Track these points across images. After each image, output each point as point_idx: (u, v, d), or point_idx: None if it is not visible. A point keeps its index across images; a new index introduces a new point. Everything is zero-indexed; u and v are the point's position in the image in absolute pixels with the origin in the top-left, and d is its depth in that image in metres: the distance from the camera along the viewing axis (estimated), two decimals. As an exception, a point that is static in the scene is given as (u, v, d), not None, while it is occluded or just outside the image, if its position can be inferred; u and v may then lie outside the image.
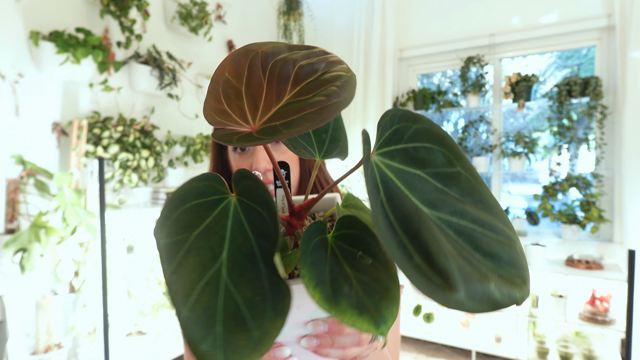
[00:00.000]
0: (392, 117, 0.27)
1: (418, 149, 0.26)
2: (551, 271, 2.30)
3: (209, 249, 0.24)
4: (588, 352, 2.25)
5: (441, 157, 0.26)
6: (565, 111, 2.48)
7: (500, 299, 0.23)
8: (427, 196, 0.26)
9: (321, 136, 0.39)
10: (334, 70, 0.28)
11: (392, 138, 0.26)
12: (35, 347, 1.59)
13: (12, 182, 1.64)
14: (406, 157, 0.26)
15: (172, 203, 0.26)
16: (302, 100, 0.27)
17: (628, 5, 2.26)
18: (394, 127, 0.26)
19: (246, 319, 0.22)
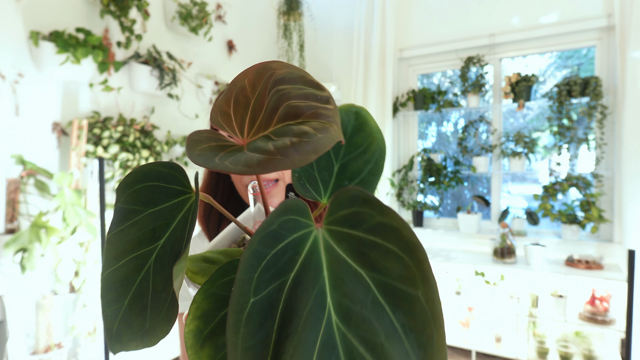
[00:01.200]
0: (353, 198, 0.22)
1: (376, 245, 0.21)
2: (551, 271, 2.30)
3: (152, 231, 0.25)
4: (588, 352, 2.25)
5: (401, 269, 0.20)
6: (565, 111, 2.48)
7: None
8: (351, 305, 0.20)
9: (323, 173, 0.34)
10: (317, 120, 0.25)
11: (348, 219, 0.22)
12: (36, 347, 1.59)
13: (13, 182, 1.64)
14: (355, 248, 0.21)
15: (138, 176, 0.27)
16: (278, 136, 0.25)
17: (628, 5, 2.26)
18: (353, 208, 0.22)
19: (147, 307, 0.23)
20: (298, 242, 0.21)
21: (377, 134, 0.35)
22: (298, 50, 3.18)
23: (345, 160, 0.34)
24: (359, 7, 3.10)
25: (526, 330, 2.43)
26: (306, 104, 0.25)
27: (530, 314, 2.36)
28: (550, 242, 2.54)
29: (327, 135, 0.22)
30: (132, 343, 0.24)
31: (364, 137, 0.35)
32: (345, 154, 0.34)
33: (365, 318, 0.19)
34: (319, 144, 0.22)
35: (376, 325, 0.19)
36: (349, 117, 0.36)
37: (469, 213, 2.83)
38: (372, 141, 0.35)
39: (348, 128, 0.35)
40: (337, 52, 3.31)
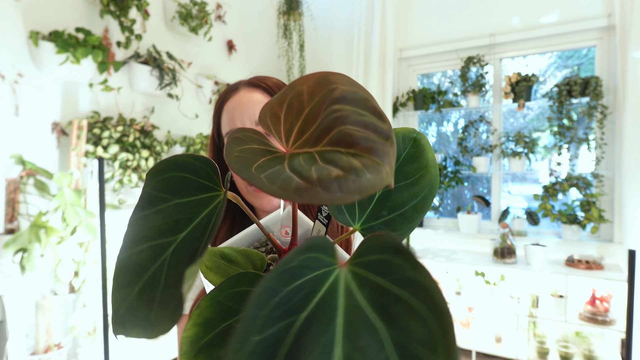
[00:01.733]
0: (385, 245, 0.21)
1: (401, 301, 0.19)
2: (551, 271, 2.30)
3: (175, 222, 0.25)
4: (588, 352, 2.25)
5: (424, 332, 0.18)
6: (566, 111, 2.48)
7: None
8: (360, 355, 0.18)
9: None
10: (370, 157, 0.22)
11: (375, 266, 0.20)
12: (35, 347, 1.59)
13: (12, 182, 1.64)
14: (378, 298, 0.19)
15: (170, 165, 0.26)
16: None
17: (628, 5, 2.26)
18: (384, 255, 0.20)
19: (155, 299, 0.23)
20: (317, 281, 0.20)
21: (432, 168, 0.32)
22: (298, 50, 3.18)
23: (394, 188, 0.31)
24: (359, 7, 3.10)
25: (526, 330, 2.43)
26: (363, 134, 0.23)
27: (531, 314, 2.36)
28: (550, 242, 2.54)
29: (376, 177, 0.20)
30: (134, 331, 0.24)
31: (417, 168, 0.32)
32: (397, 179, 0.32)
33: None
34: (365, 185, 0.20)
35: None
36: (405, 143, 0.33)
37: (469, 213, 2.83)
38: (425, 174, 0.32)
39: (402, 154, 0.32)
40: (337, 52, 3.31)
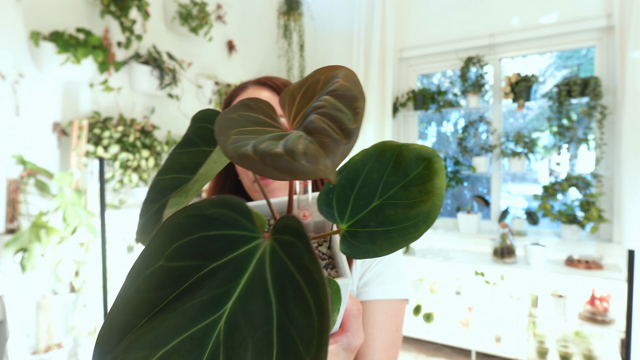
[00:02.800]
0: (294, 228, 0.23)
1: (297, 285, 0.21)
2: (551, 271, 2.30)
3: (195, 164, 0.28)
4: (588, 352, 2.25)
5: (305, 325, 0.20)
6: (565, 111, 2.49)
7: None
8: (243, 324, 0.20)
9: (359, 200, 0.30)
10: (318, 147, 0.22)
11: (287, 246, 0.22)
12: (36, 347, 1.59)
13: (13, 182, 1.64)
14: (282, 275, 0.21)
15: (205, 116, 0.28)
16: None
17: (627, 6, 2.26)
18: (293, 238, 0.23)
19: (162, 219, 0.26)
20: (237, 241, 0.21)
21: (436, 197, 0.30)
22: (298, 51, 3.18)
23: (388, 202, 0.30)
24: (359, 7, 3.10)
25: (526, 330, 2.43)
26: (326, 126, 0.23)
27: (530, 313, 2.36)
28: (550, 242, 2.54)
29: (310, 166, 0.20)
30: (143, 238, 0.28)
31: (421, 191, 0.30)
32: (391, 197, 0.30)
33: (245, 345, 0.18)
34: (296, 169, 0.20)
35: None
36: (418, 163, 0.31)
37: (468, 213, 2.83)
38: (426, 201, 0.30)
39: (412, 172, 0.31)
40: (337, 52, 3.31)
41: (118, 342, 0.19)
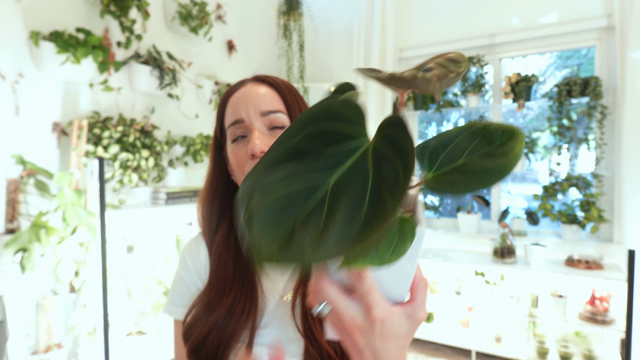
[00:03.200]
0: (395, 120, 0.31)
1: (388, 157, 0.30)
2: (551, 271, 2.30)
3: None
4: (588, 352, 2.25)
5: (394, 177, 0.28)
6: (565, 111, 2.48)
7: None
8: (382, 175, 0.29)
9: (451, 153, 0.36)
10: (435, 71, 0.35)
11: (386, 136, 0.30)
12: (36, 347, 1.59)
13: (13, 182, 1.64)
14: (383, 154, 0.30)
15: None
16: None
17: (628, 6, 2.26)
18: (392, 128, 0.31)
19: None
20: (349, 138, 0.29)
21: (514, 157, 0.33)
22: (298, 50, 3.18)
23: (471, 161, 0.35)
24: (359, 7, 3.10)
25: (526, 330, 2.43)
26: (441, 60, 0.37)
27: (530, 314, 2.36)
28: (550, 242, 2.54)
29: (423, 82, 0.30)
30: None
31: (501, 152, 0.34)
32: (474, 158, 0.35)
33: (346, 195, 0.26)
34: (412, 82, 0.30)
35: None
36: (503, 135, 0.35)
37: (468, 213, 2.83)
38: (504, 158, 0.34)
39: (496, 141, 0.35)
40: (337, 52, 3.31)
41: (259, 173, 0.28)
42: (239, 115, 0.65)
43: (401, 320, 0.38)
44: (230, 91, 0.70)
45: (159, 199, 2.11)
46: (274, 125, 0.65)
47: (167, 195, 2.07)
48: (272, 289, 0.67)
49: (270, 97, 0.66)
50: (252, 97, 0.65)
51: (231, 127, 0.66)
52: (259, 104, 0.65)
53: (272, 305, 0.66)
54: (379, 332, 0.37)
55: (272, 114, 0.65)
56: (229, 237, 0.70)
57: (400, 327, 0.38)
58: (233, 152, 0.66)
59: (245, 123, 0.64)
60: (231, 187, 0.74)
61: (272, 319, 0.65)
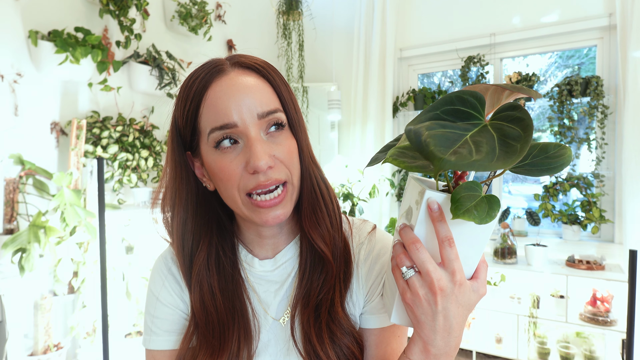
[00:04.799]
0: (506, 106, 0.40)
1: (508, 127, 0.38)
2: (552, 271, 2.29)
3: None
4: (589, 352, 2.24)
5: (516, 135, 0.37)
6: (566, 111, 2.48)
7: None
8: (502, 133, 0.39)
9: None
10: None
11: (500, 116, 0.40)
12: (34, 348, 1.58)
13: (11, 182, 1.63)
14: (498, 127, 0.39)
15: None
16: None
17: (629, 5, 2.25)
18: (505, 112, 0.39)
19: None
20: (473, 117, 0.40)
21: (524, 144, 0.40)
22: (297, 50, 3.17)
23: (537, 160, 0.45)
24: (359, 7, 3.09)
25: (527, 330, 2.42)
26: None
27: (531, 314, 2.35)
28: (551, 242, 2.53)
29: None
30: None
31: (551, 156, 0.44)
32: (542, 158, 0.44)
33: (482, 144, 0.36)
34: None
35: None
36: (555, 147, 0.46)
37: (469, 213, 2.81)
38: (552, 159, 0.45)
39: (550, 150, 0.45)
40: (337, 52, 3.30)
41: (419, 123, 0.39)
42: (229, 119, 0.52)
43: (471, 292, 0.44)
44: (207, 80, 0.54)
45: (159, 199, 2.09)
46: (272, 124, 0.54)
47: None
48: (264, 311, 0.61)
49: (264, 91, 0.54)
50: (242, 92, 0.52)
51: (216, 132, 0.53)
52: (252, 102, 0.52)
53: (266, 328, 0.60)
54: (456, 296, 0.43)
55: (271, 114, 0.54)
56: (209, 260, 0.60)
57: (470, 297, 0.44)
58: (218, 162, 0.54)
59: (239, 128, 0.52)
60: (202, 196, 0.61)
61: (268, 344, 0.60)
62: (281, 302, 0.61)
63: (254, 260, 0.63)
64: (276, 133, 0.55)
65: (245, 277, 0.63)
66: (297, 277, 0.61)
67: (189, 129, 0.57)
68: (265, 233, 0.62)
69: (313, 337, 0.56)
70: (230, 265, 0.62)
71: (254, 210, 0.54)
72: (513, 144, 0.36)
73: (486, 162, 0.34)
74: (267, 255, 0.63)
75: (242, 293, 0.61)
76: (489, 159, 0.34)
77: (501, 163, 0.34)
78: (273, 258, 0.63)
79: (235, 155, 0.53)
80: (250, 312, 0.60)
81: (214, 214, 0.63)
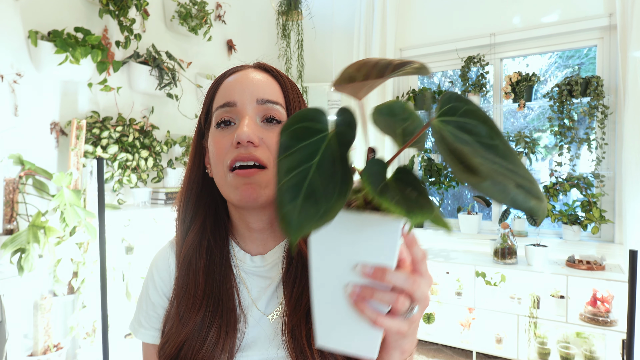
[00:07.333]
0: (448, 97, 0.35)
1: (466, 123, 0.34)
2: (552, 272, 2.29)
3: (308, 154, 0.35)
4: (589, 353, 2.24)
5: (484, 131, 0.34)
6: (566, 111, 2.47)
7: (518, 199, 0.29)
8: (470, 149, 0.33)
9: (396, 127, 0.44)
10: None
11: (447, 111, 0.35)
12: (34, 348, 1.58)
13: (11, 182, 1.63)
14: (457, 125, 0.34)
15: (293, 119, 0.36)
16: None
17: (629, 5, 2.25)
18: (450, 104, 0.35)
19: (319, 198, 0.32)
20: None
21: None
22: (297, 50, 3.17)
23: None
24: (359, 7, 3.09)
25: (527, 331, 2.42)
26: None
27: (531, 314, 2.35)
28: (551, 242, 2.53)
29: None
30: (311, 226, 0.31)
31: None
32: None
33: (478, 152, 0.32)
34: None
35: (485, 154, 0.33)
36: None
37: (469, 213, 2.82)
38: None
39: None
40: (337, 52, 3.30)
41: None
42: (231, 98, 0.57)
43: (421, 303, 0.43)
44: (226, 73, 0.62)
45: (158, 199, 2.10)
46: (269, 116, 0.58)
47: (167, 196, 2.06)
48: (254, 306, 0.60)
49: (271, 86, 0.59)
50: (251, 81, 0.58)
51: (219, 110, 0.58)
52: (256, 89, 0.58)
53: (253, 323, 0.59)
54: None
55: (270, 103, 0.58)
56: (200, 242, 0.62)
57: None
58: (214, 139, 0.58)
59: (237, 108, 0.57)
60: (206, 181, 0.64)
61: (256, 339, 0.59)
62: (271, 298, 0.61)
63: (245, 256, 0.63)
64: (273, 126, 0.58)
65: (237, 273, 0.63)
66: (287, 275, 0.61)
67: (204, 113, 0.63)
68: (253, 225, 0.62)
69: (302, 335, 0.55)
70: (219, 253, 0.62)
71: (234, 187, 0.56)
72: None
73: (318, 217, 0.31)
74: (259, 252, 0.64)
75: (232, 287, 0.61)
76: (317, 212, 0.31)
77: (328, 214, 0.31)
78: (264, 255, 0.63)
79: (229, 132, 0.57)
80: (238, 306, 0.60)
81: (214, 203, 0.65)
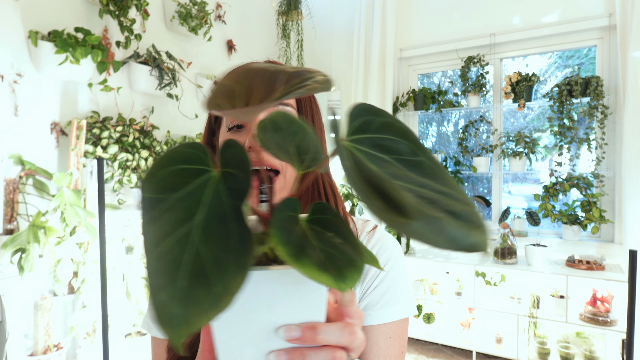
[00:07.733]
0: (359, 110, 0.29)
1: (384, 139, 0.29)
2: (552, 272, 2.29)
3: (186, 209, 0.25)
4: (589, 352, 2.24)
5: (405, 147, 0.29)
6: (566, 111, 2.48)
7: (457, 236, 0.23)
8: (391, 171, 0.27)
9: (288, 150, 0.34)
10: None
11: (359, 128, 0.29)
12: (34, 348, 1.58)
13: (11, 182, 1.63)
14: (373, 144, 0.28)
15: (161, 162, 0.27)
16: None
17: (629, 5, 2.25)
18: (362, 118, 0.29)
19: (209, 274, 0.22)
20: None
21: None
22: (297, 50, 3.17)
23: None
24: (359, 7, 3.09)
25: (527, 331, 2.42)
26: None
27: (531, 314, 2.35)
28: (551, 242, 2.53)
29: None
30: (203, 316, 0.21)
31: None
32: None
33: (401, 175, 0.27)
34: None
35: (410, 177, 0.27)
36: None
37: (469, 213, 2.82)
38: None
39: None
40: (337, 52, 3.30)
41: None
42: None
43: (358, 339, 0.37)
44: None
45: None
46: None
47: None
48: None
49: None
50: None
51: None
52: None
53: None
54: None
55: (281, 105, 0.57)
56: None
57: None
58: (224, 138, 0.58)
59: None
60: None
61: None
62: None
63: None
64: None
65: None
66: None
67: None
68: None
69: None
70: None
71: None
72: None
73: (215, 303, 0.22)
74: None
75: None
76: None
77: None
78: None
79: (240, 136, 0.56)
80: None
81: None
